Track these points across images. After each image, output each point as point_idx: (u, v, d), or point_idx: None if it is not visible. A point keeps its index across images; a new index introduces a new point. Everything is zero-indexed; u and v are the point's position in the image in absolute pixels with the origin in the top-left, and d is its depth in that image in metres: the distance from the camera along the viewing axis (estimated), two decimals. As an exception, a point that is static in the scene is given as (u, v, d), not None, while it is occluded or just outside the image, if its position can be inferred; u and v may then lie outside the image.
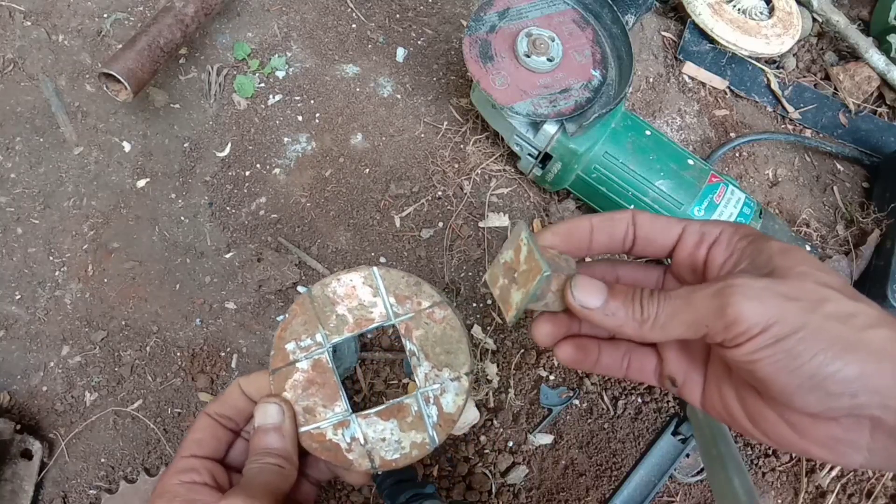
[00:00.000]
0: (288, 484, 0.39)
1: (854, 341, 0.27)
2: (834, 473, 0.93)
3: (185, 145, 0.96)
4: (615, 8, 0.85)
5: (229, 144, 0.97)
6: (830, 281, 0.29)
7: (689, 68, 1.09)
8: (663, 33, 1.13)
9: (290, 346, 0.42)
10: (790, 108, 1.10)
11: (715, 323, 0.29)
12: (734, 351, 0.29)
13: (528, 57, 0.82)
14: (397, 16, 1.08)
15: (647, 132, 0.87)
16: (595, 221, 0.36)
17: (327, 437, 0.41)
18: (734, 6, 1.10)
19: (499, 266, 0.36)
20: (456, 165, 0.99)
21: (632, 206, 0.87)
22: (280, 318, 0.89)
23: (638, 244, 0.35)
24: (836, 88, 1.12)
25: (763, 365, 0.28)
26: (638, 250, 0.36)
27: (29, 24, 0.99)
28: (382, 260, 0.93)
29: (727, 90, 1.11)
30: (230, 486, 0.40)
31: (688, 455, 0.91)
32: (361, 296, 0.42)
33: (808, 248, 0.90)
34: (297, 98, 1.00)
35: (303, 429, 0.41)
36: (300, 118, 0.99)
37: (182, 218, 0.93)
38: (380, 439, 0.41)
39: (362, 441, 0.41)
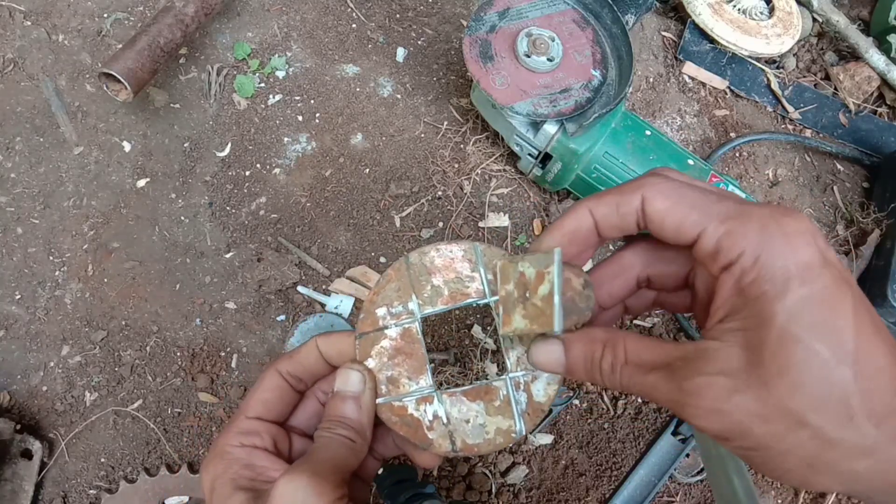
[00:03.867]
0: (357, 460, 0.37)
1: (828, 465, 0.24)
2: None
3: (185, 145, 0.96)
4: (615, 8, 0.85)
5: (229, 144, 0.97)
6: (821, 399, 0.24)
7: (689, 68, 1.09)
8: (663, 33, 1.13)
9: (380, 312, 0.39)
10: (790, 108, 1.10)
11: (678, 412, 0.27)
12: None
13: (528, 57, 0.82)
14: (397, 16, 1.08)
15: (647, 132, 0.87)
16: (599, 215, 0.31)
17: (409, 412, 0.38)
18: (734, 6, 1.10)
19: (514, 271, 0.34)
20: (456, 165, 0.99)
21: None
22: (280, 318, 0.89)
23: (654, 234, 0.30)
24: (836, 88, 1.12)
25: (728, 449, 0.26)
26: (657, 236, 0.30)
27: (29, 24, 0.99)
28: (382, 260, 0.93)
29: (727, 90, 1.11)
30: (290, 452, 0.39)
31: (688, 455, 0.91)
32: (459, 269, 0.39)
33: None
34: (297, 98, 1.00)
35: (384, 399, 0.39)
36: (300, 118, 0.99)
37: (182, 218, 0.93)
38: (463, 420, 0.38)
39: (445, 420, 0.38)
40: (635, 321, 0.94)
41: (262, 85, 1.00)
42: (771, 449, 0.25)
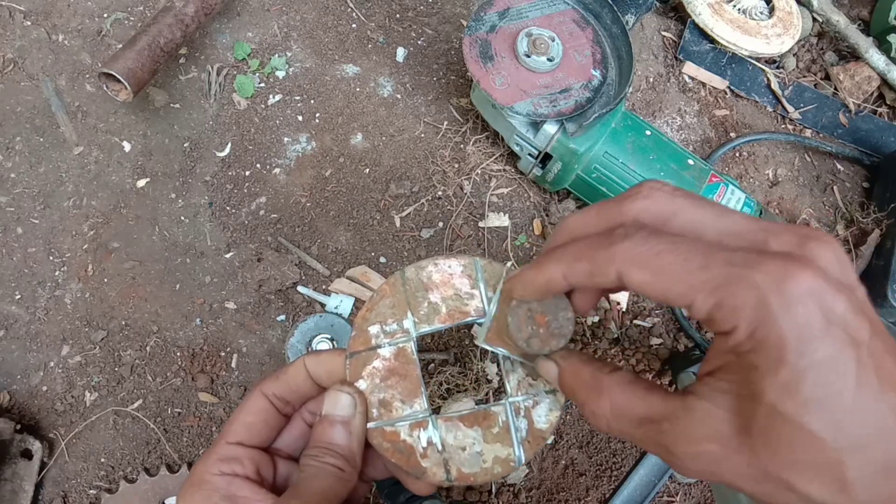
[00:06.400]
0: (346, 490, 0.35)
1: None
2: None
3: (185, 145, 0.96)
4: (615, 8, 0.85)
5: (229, 144, 0.97)
6: (806, 470, 0.23)
7: (689, 68, 1.09)
8: (663, 33, 1.13)
9: (373, 329, 0.37)
10: (790, 108, 1.10)
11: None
12: None
13: (528, 57, 0.82)
14: (397, 16, 1.08)
15: (648, 132, 0.87)
16: (573, 281, 0.29)
17: (401, 438, 0.36)
18: (734, 6, 1.10)
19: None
20: (456, 165, 0.99)
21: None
22: (280, 318, 0.89)
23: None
24: (836, 88, 1.12)
25: None
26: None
27: (29, 24, 0.99)
28: (382, 260, 0.93)
29: (727, 90, 1.11)
30: (274, 478, 0.37)
31: (688, 455, 0.91)
32: (458, 285, 0.37)
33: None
34: (297, 98, 1.00)
35: (375, 424, 0.36)
36: (300, 118, 0.99)
37: (182, 218, 0.93)
38: (459, 448, 0.36)
39: (439, 447, 0.36)
40: (635, 321, 0.95)
41: (262, 85, 1.00)
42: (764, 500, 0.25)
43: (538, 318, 0.32)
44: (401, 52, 1.05)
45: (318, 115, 1.00)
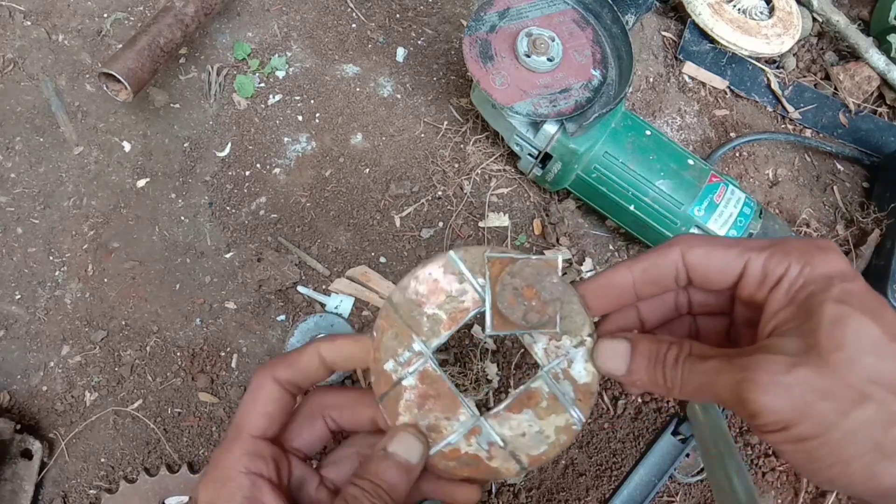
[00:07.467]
0: None
1: (893, 451, 0.24)
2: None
3: (185, 145, 0.96)
4: (615, 8, 0.85)
5: (229, 144, 0.97)
6: (881, 372, 0.25)
7: (689, 68, 1.09)
8: (663, 33, 1.13)
9: (389, 366, 0.37)
10: (790, 108, 1.10)
11: (738, 410, 0.27)
12: (760, 434, 0.27)
13: (528, 57, 0.82)
14: (397, 16, 1.08)
15: (648, 132, 0.87)
16: (637, 272, 0.32)
17: (462, 451, 0.36)
18: (734, 6, 1.10)
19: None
20: (456, 165, 0.99)
21: (632, 206, 0.87)
22: (280, 318, 0.89)
23: (695, 283, 0.32)
24: (836, 88, 1.12)
25: (787, 456, 0.26)
26: (698, 286, 0.32)
27: (29, 24, 0.99)
28: (382, 260, 0.93)
29: (727, 90, 1.11)
30: (289, 480, 0.37)
31: (688, 455, 0.91)
32: (447, 288, 0.37)
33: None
34: (297, 98, 1.00)
35: (435, 450, 0.36)
36: (300, 118, 0.99)
37: (182, 218, 0.93)
38: (519, 435, 0.36)
39: (501, 443, 0.36)
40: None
41: (262, 85, 1.00)
42: (834, 430, 0.24)
43: (526, 292, 0.33)
44: (401, 52, 1.05)
45: (318, 115, 1.00)
